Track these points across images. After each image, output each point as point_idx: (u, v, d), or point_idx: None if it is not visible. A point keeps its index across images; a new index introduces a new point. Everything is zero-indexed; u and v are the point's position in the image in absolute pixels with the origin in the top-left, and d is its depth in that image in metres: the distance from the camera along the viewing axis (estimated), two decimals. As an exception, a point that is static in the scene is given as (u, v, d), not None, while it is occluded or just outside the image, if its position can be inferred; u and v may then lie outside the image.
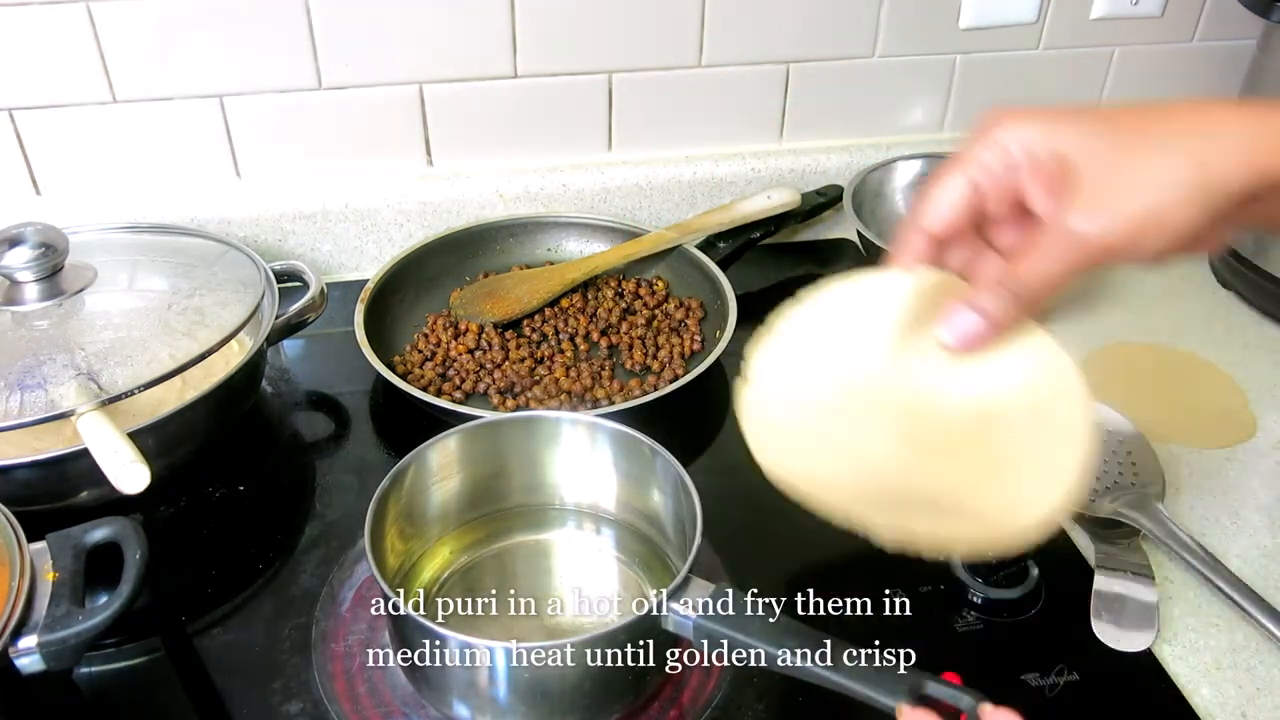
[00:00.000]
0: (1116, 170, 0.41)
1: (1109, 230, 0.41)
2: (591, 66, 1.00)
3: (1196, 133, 0.41)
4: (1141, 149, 0.41)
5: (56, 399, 0.70)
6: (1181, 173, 0.40)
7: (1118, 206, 0.41)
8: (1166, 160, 0.40)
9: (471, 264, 1.00)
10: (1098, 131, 0.42)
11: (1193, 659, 0.66)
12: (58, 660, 0.57)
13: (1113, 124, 0.42)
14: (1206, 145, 0.40)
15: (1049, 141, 0.43)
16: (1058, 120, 0.43)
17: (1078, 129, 0.42)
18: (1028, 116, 0.44)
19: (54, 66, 0.90)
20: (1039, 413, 0.44)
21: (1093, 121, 0.42)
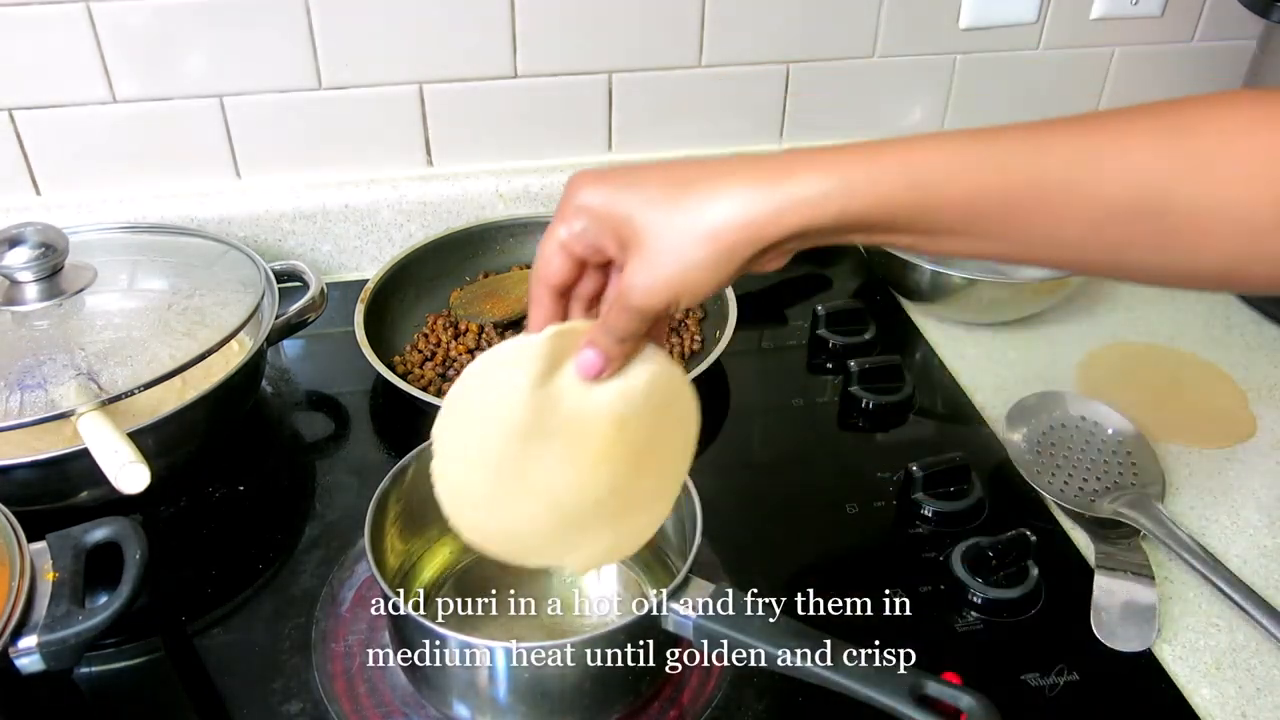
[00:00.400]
0: (660, 236, 0.47)
1: (651, 293, 0.48)
2: (591, 66, 1.00)
3: (725, 197, 0.47)
4: (679, 217, 0.47)
5: (56, 399, 0.70)
6: (699, 250, 0.47)
7: (656, 272, 0.47)
8: (690, 231, 0.47)
9: (471, 264, 1.00)
10: (655, 197, 0.48)
11: (1193, 659, 0.66)
12: (58, 660, 0.57)
13: (672, 186, 0.48)
14: (723, 214, 0.47)
15: (615, 205, 0.48)
16: (625, 183, 0.49)
17: (641, 192, 0.48)
18: (599, 181, 0.49)
19: (54, 66, 0.90)
20: (659, 405, 0.54)
21: (658, 184, 0.48)
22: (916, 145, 0.47)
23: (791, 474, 0.82)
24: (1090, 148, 0.46)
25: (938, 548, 0.73)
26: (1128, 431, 0.81)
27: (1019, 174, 0.46)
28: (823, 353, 0.93)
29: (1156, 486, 0.77)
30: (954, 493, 0.76)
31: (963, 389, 0.89)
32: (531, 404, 0.51)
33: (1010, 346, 0.94)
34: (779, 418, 0.87)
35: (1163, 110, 0.46)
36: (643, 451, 0.55)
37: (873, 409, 0.86)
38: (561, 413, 0.52)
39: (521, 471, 0.53)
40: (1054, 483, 0.78)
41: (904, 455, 0.78)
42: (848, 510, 0.77)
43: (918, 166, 0.47)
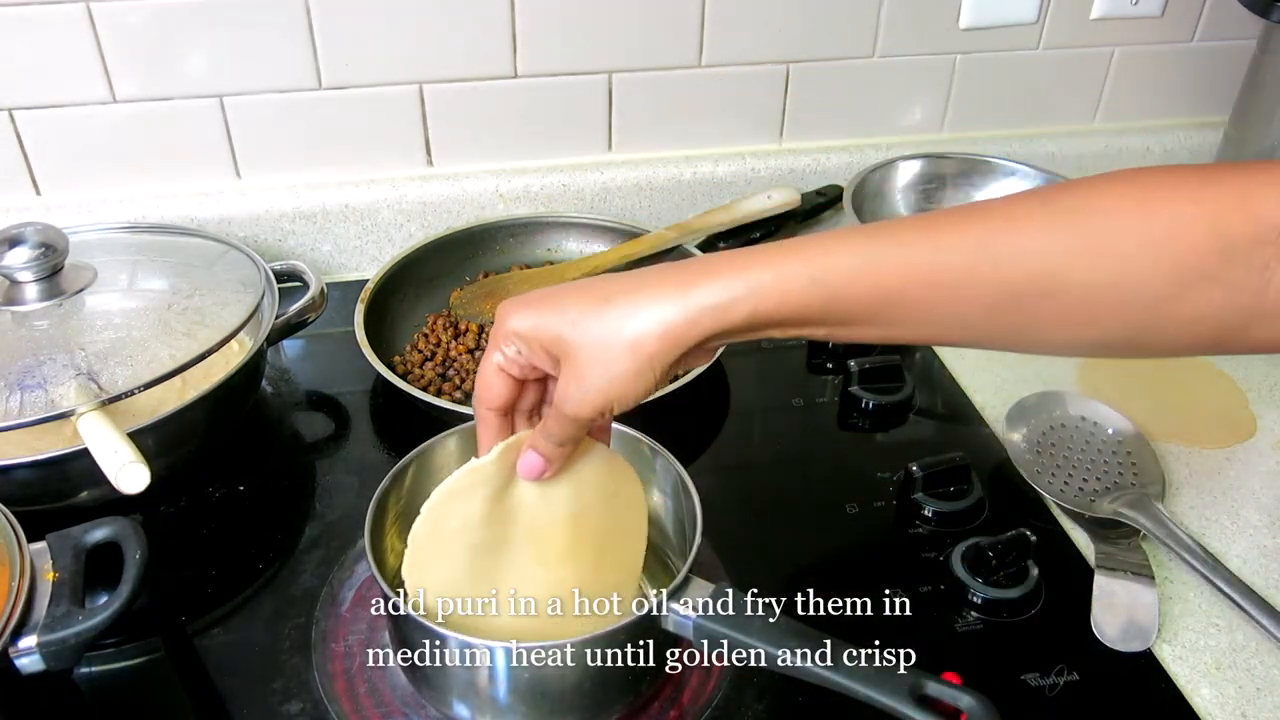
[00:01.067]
0: (586, 351, 0.51)
1: (582, 405, 0.51)
2: (591, 66, 1.00)
3: (641, 310, 0.50)
4: (602, 333, 0.50)
5: (56, 399, 0.70)
6: (623, 362, 0.50)
7: (586, 384, 0.51)
8: (613, 346, 0.50)
9: (471, 264, 1.00)
10: (578, 317, 0.51)
11: (1193, 659, 0.66)
12: (58, 660, 0.57)
13: (593, 304, 0.51)
14: (641, 326, 0.50)
15: (543, 327, 0.52)
16: (550, 307, 0.52)
17: (565, 314, 0.51)
18: (525, 307, 0.53)
19: (54, 66, 0.90)
20: (609, 493, 0.60)
21: (579, 304, 0.51)
22: (820, 245, 0.50)
23: (791, 474, 0.82)
24: (984, 236, 0.48)
25: (938, 548, 0.73)
26: (1128, 431, 0.81)
27: (918, 265, 0.49)
28: (823, 353, 0.93)
29: (1156, 486, 0.77)
30: (954, 493, 0.76)
31: (963, 389, 0.89)
32: (493, 521, 0.57)
33: (1010, 346, 0.94)
34: (779, 418, 0.87)
35: (1049, 195, 0.49)
36: (601, 537, 0.60)
37: (873, 409, 0.86)
38: (522, 521, 0.58)
39: (496, 580, 0.59)
40: (1054, 483, 0.78)
41: (904, 455, 0.78)
42: (848, 510, 0.77)
43: (821, 265, 0.49)
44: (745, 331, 0.50)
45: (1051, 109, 1.13)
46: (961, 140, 1.11)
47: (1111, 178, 0.49)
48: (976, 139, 1.11)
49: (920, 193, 1.07)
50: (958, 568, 0.70)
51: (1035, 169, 1.06)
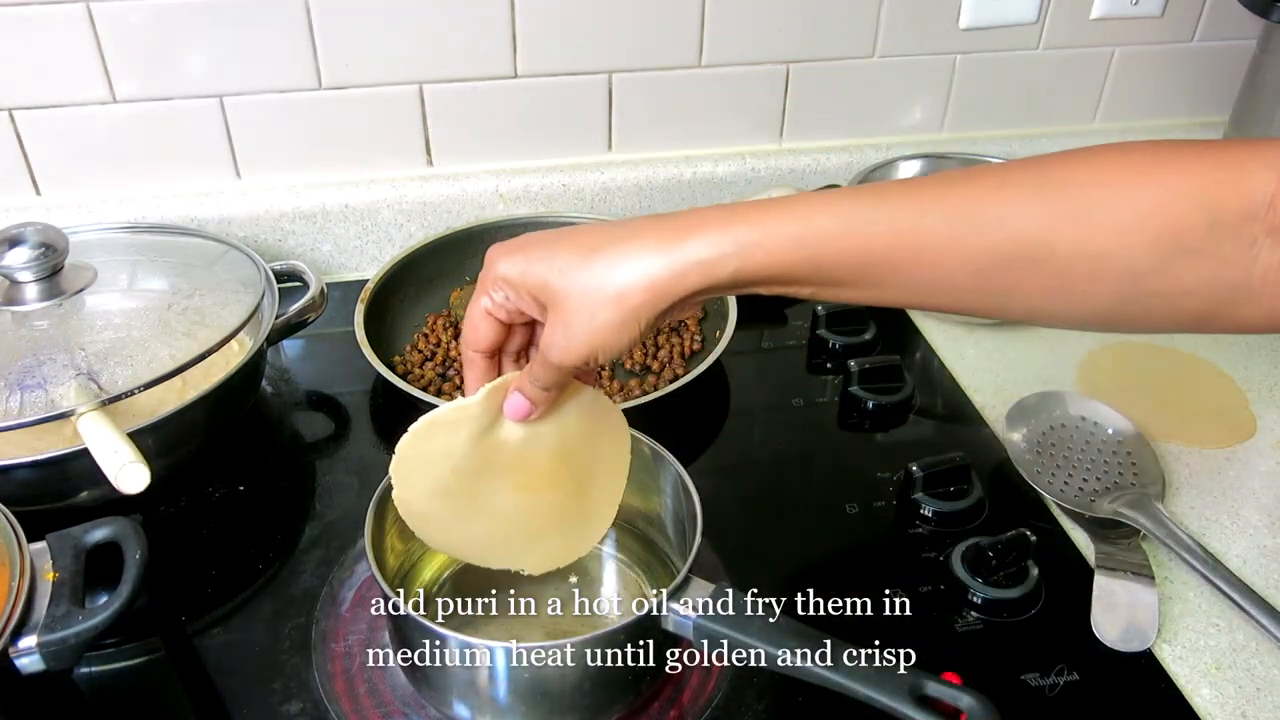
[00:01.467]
0: (572, 300, 0.51)
1: (567, 354, 0.52)
2: (591, 66, 1.00)
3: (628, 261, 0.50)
4: (588, 282, 0.50)
5: (56, 399, 0.70)
6: (607, 311, 0.50)
7: (571, 332, 0.51)
8: (598, 295, 0.50)
9: (471, 264, 1.00)
10: (566, 265, 0.51)
11: (1193, 659, 0.66)
12: (58, 660, 0.57)
13: (581, 253, 0.51)
14: (627, 278, 0.50)
15: (531, 274, 0.52)
16: (539, 253, 0.52)
17: (553, 261, 0.52)
18: (514, 251, 0.53)
19: (54, 66, 0.90)
20: (593, 432, 0.61)
21: (568, 252, 0.51)
22: (806, 205, 0.50)
23: (791, 474, 0.82)
24: (971, 200, 0.48)
25: (938, 548, 0.73)
26: (1128, 431, 0.81)
27: (903, 227, 0.49)
28: (823, 353, 0.93)
29: (1156, 486, 0.77)
30: (954, 493, 0.76)
31: (963, 389, 0.89)
32: (478, 452, 0.58)
33: (1010, 346, 0.94)
34: (779, 418, 0.87)
35: (1040, 164, 0.49)
36: (584, 472, 0.62)
37: (873, 409, 0.86)
38: (507, 453, 0.59)
39: (478, 501, 0.60)
40: (1054, 483, 0.78)
41: (904, 455, 0.78)
42: (848, 510, 0.77)
43: (807, 226, 0.49)
44: (731, 288, 0.51)
45: (1051, 109, 1.13)
46: (961, 140, 1.11)
47: (1106, 148, 0.49)
48: (976, 139, 1.11)
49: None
50: (958, 568, 0.70)
51: (1035, 169, 1.05)
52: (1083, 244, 0.47)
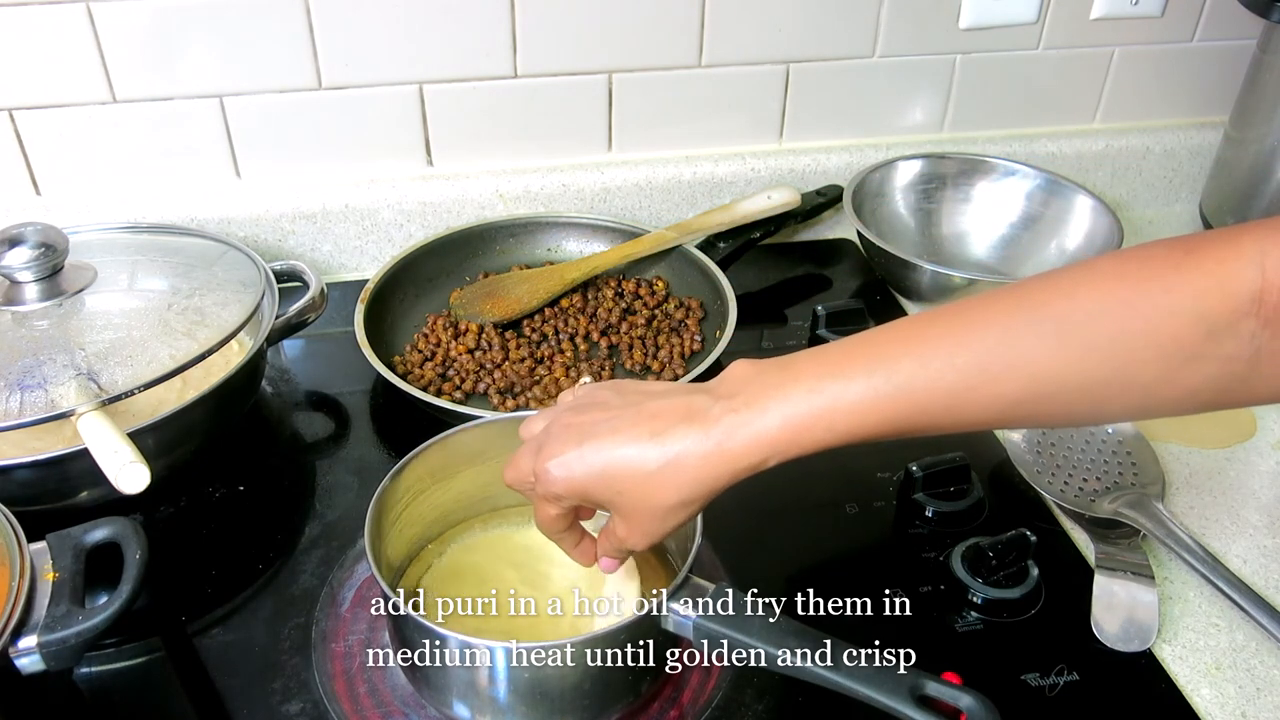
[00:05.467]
0: (635, 516, 0.54)
1: (634, 545, 0.56)
2: (591, 66, 1.00)
3: (681, 475, 0.52)
4: (649, 502, 0.53)
5: (56, 399, 0.70)
6: (670, 519, 0.54)
7: (636, 534, 0.55)
8: (660, 508, 0.53)
9: (471, 264, 1.00)
10: (623, 487, 0.53)
11: (1193, 659, 0.66)
12: (58, 660, 0.57)
13: (637, 476, 0.53)
14: (684, 492, 0.53)
15: (589, 493, 0.54)
16: (595, 474, 0.53)
17: (610, 484, 0.53)
18: (568, 474, 0.54)
19: (54, 66, 0.90)
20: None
21: (623, 471, 0.53)
22: (825, 395, 0.51)
23: (791, 474, 0.81)
24: (979, 356, 0.50)
25: (938, 548, 0.73)
26: (1128, 431, 0.81)
27: (917, 394, 0.50)
28: (823, 353, 0.93)
29: (1156, 486, 0.77)
30: (954, 493, 0.76)
31: (963, 389, 0.89)
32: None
33: (1010, 346, 0.94)
34: (779, 418, 0.87)
35: (1033, 300, 0.51)
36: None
37: (873, 409, 0.86)
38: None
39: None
40: (1054, 483, 0.78)
41: (904, 455, 0.78)
42: (848, 510, 0.77)
43: (831, 417, 0.51)
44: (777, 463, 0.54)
45: (1051, 109, 1.12)
46: (961, 140, 1.11)
47: (1091, 273, 0.50)
48: (976, 139, 1.11)
49: (920, 193, 1.07)
50: (958, 568, 0.70)
51: (1035, 169, 1.06)
52: (1087, 375, 0.49)
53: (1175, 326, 0.47)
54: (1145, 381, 0.48)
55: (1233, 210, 1.04)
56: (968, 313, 0.51)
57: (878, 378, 0.51)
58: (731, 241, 1.01)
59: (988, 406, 0.50)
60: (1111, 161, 1.14)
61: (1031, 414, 0.52)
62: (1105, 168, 1.14)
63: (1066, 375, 0.49)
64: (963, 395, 0.50)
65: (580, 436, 0.54)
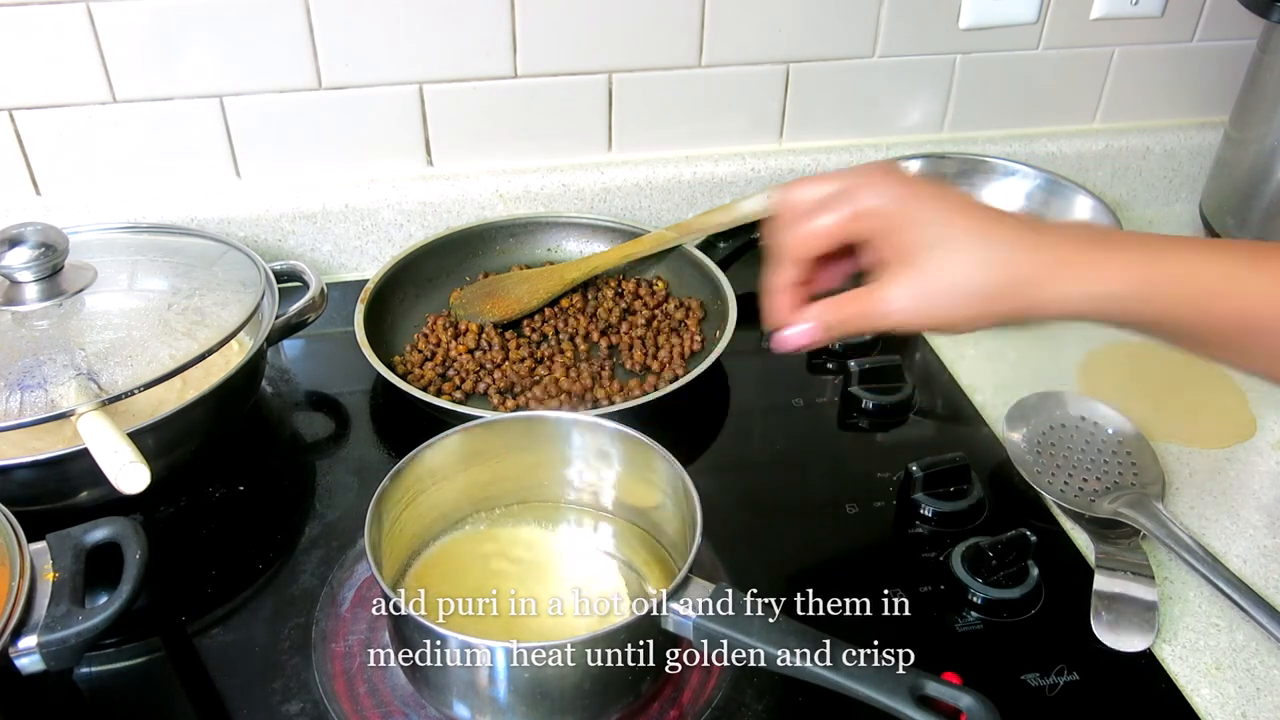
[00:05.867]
0: (941, 278, 0.49)
1: (906, 321, 0.51)
2: (591, 66, 1.00)
3: (1019, 268, 0.49)
4: (969, 268, 0.48)
5: (56, 399, 0.70)
6: (971, 306, 0.49)
7: (923, 306, 0.50)
8: (970, 285, 0.49)
9: (471, 264, 1.00)
10: (960, 240, 0.49)
11: (1193, 659, 0.66)
12: (58, 660, 0.57)
13: (980, 236, 0.49)
14: (1007, 285, 0.49)
15: (912, 224, 0.50)
16: (931, 209, 0.50)
17: (946, 226, 0.49)
18: (903, 190, 0.50)
19: (54, 66, 0.90)
20: None
21: (966, 225, 0.49)
22: (1190, 257, 0.49)
23: (791, 474, 0.82)
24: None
25: (938, 548, 0.73)
26: (1128, 431, 0.81)
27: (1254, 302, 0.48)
28: (823, 353, 0.93)
29: (1156, 486, 0.77)
30: (954, 493, 0.76)
31: (963, 389, 0.89)
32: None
33: (1010, 346, 0.94)
34: (779, 418, 0.87)
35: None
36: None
37: (873, 409, 0.86)
38: None
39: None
40: (1054, 483, 0.78)
41: (904, 455, 0.78)
42: (848, 510, 0.77)
43: (1199, 283, 0.48)
44: (1095, 319, 0.51)
45: (1051, 109, 1.12)
46: (961, 140, 1.11)
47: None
48: (976, 139, 1.11)
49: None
50: (958, 568, 0.70)
51: (1035, 169, 1.06)
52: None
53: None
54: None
55: (1232, 211, 1.04)
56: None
57: (1243, 265, 0.49)
58: (731, 241, 1.01)
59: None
60: (1111, 161, 1.14)
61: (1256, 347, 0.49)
62: (1105, 168, 1.14)
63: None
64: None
65: (923, 183, 0.51)
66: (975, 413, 0.86)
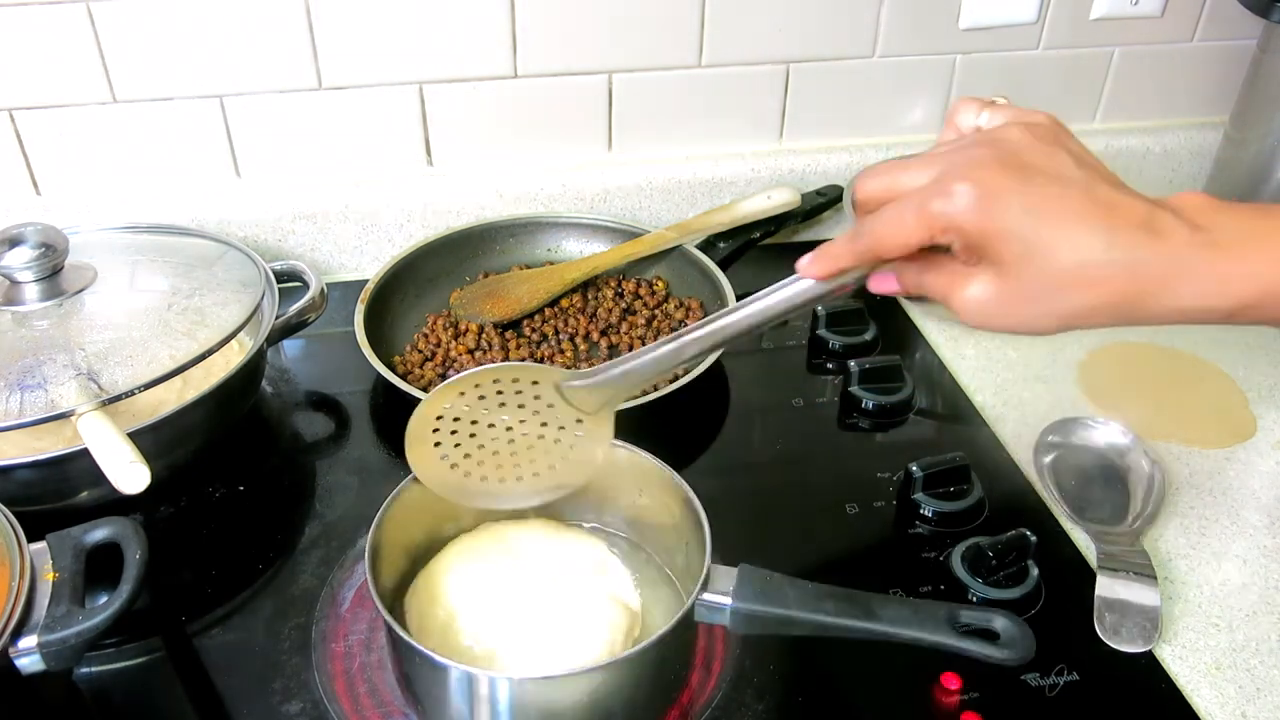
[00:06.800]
0: (1036, 282, 0.46)
1: (985, 325, 0.47)
2: (591, 66, 1.00)
3: (1117, 284, 0.45)
4: (1069, 272, 0.45)
5: (56, 399, 0.70)
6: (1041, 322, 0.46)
7: (1008, 314, 0.47)
8: (1066, 301, 0.45)
9: (471, 264, 1.00)
10: (1054, 234, 0.45)
11: (1193, 659, 0.66)
12: (58, 660, 0.57)
13: (1081, 240, 0.45)
14: (1106, 304, 0.45)
15: (1010, 236, 0.46)
16: (1026, 210, 0.46)
17: (1036, 227, 0.45)
18: (1015, 187, 0.46)
19: (54, 66, 0.90)
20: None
21: (1069, 231, 0.45)
22: None
23: (791, 474, 0.82)
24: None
25: (938, 548, 0.73)
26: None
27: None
28: (823, 353, 0.93)
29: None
30: (954, 493, 0.76)
31: (963, 389, 0.89)
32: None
33: (1010, 346, 0.94)
34: (779, 418, 0.87)
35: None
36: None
37: (873, 409, 0.86)
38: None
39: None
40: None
41: (904, 455, 0.78)
42: (848, 510, 0.77)
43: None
44: (1208, 321, 0.47)
45: (1051, 109, 1.11)
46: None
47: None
48: (976, 139, 1.11)
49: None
50: (958, 568, 0.70)
51: (1035, 169, 1.05)
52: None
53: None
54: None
55: (1233, 210, 1.04)
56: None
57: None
58: (731, 241, 1.01)
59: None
60: (1111, 161, 1.11)
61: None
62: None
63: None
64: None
65: (1024, 176, 0.46)
66: (975, 413, 0.86)
